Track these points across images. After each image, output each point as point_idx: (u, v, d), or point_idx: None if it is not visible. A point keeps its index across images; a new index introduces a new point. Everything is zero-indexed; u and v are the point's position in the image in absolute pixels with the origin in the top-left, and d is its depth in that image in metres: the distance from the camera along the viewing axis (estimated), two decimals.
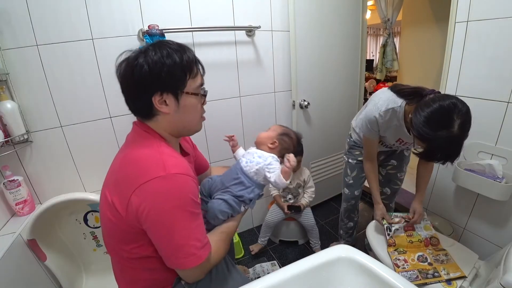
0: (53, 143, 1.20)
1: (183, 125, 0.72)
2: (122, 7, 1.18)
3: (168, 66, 0.62)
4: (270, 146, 0.94)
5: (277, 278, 0.63)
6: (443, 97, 0.85)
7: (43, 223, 1.13)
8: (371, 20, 4.18)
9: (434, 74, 2.15)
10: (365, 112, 1.12)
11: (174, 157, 0.65)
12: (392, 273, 0.62)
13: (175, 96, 0.65)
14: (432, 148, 0.84)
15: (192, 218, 0.62)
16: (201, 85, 0.71)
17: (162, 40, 0.67)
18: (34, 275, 1.06)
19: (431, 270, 1.00)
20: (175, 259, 0.62)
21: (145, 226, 0.61)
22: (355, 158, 1.39)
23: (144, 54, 0.62)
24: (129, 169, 0.63)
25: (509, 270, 0.78)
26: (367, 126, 1.11)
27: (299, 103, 1.71)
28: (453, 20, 1.20)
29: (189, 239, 0.61)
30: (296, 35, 1.55)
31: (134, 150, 0.66)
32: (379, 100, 1.07)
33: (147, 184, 0.58)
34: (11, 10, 1.02)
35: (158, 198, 0.58)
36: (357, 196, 1.47)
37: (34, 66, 1.09)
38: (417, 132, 0.84)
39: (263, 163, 0.87)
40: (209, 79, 1.44)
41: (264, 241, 1.69)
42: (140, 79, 0.62)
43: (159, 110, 0.66)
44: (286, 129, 1.00)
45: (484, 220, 1.28)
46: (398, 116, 1.03)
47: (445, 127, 0.79)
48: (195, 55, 0.69)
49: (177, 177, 0.60)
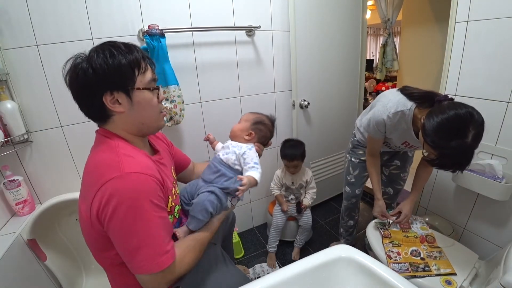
0: (53, 143, 1.20)
1: (141, 121, 0.69)
2: (122, 7, 1.18)
3: (113, 65, 0.61)
4: (246, 138, 0.93)
5: (277, 278, 0.63)
6: (459, 105, 0.81)
7: (43, 223, 1.13)
8: (371, 20, 4.18)
9: (434, 74, 2.15)
10: (373, 112, 1.09)
11: (130, 157, 0.63)
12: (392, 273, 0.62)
13: (127, 93, 0.64)
14: (443, 156, 0.82)
15: (150, 220, 0.59)
16: (153, 80, 0.69)
17: (106, 42, 0.66)
18: (34, 275, 1.06)
19: (422, 265, 1.01)
20: (132, 263, 0.60)
21: (106, 229, 0.59)
22: (358, 157, 1.39)
23: (87, 58, 0.61)
24: (89, 176, 0.62)
25: (509, 270, 0.78)
26: (374, 127, 1.09)
27: (299, 103, 1.71)
28: (453, 20, 1.20)
29: (147, 242, 0.58)
30: (296, 35, 1.55)
31: (93, 157, 0.66)
32: (388, 102, 1.04)
33: (104, 186, 0.57)
34: (11, 10, 1.02)
35: (113, 199, 0.56)
36: (358, 194, 1.47)
37: (34, 66, 1.09)
38: (429, 139, 0.82)
39: (238, 151, 0.87)
40: (209, 79, 1.47)
41: (275, 247, 1.63)
42: (86, 82, 0.61)
43: (113, 110, 0.64)
44: (259, 116, 0.98)
45: (484, 220, 1.27)
46: (406, 119, 1.01)
47: (460, 137, 0.77)
48: (142, 52, 0.68)
49: (132, 176, 0.58)
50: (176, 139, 1.48)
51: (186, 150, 1.51)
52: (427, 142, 0.84)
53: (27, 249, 1.05)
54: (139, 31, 1.24)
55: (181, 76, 1.32)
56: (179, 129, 1.47)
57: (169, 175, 0.79)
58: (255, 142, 0.93)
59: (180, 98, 1.30)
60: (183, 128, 1.47)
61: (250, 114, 0.99)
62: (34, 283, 1.06)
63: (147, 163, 0.65)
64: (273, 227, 1.64)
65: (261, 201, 1.93)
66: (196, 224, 0.77)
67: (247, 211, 1.90)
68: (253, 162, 0.84)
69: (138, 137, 0.72)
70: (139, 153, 0.67)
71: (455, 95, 1.27)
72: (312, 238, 1.82)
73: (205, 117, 1.52)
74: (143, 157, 0.67)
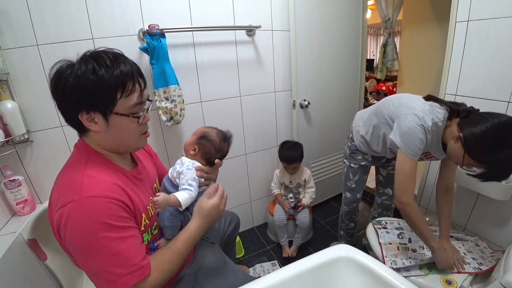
0: (54, 143, 1.20)
1: (117, 143, 0.66)
2: (122, 6, 1.18)
3: (92, 83, 0.56)
4: (192, 153, 0.89)
5: (277, 278, 0.63)
6: (496, 114, 0.79)
7: (44, 222, 1.12)
8: (372, 20, 4.17)
9: (434, 73, 2.15)
10: (408, 126, 0.93)
11: (93, 178, 0.60)
12: (392, 273, 0.62)
13: (104, 115, 0.60)
14: (495, 167, 0.78)
15: (108, 244, 0.56)
16: (137, 104, 0.63)
17: (98, 51, 0.61)
18: (35, 275, 1.06)
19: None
20: (97, 286, 0.60)
21: (69, 250, 0.59)
22: (358, 163, 1.35)
23: (72, 67, 0.58)
24: (54, 190, 0.62)
25: (509, 270, 0.78)
26: (420, 142, 0.91)
27: (299, 103, 1.71)
28: (454, 20, 1.20)
29: (106, 266, 0.56)
30: (296, 35, 1.55)
31: (63, 170, 0.65)
32: (422, 113, 0.92)
33: (63, 208, 0.56)
34: (11, 10, 1.02)
35: (70, 224, 0.55)
36: (359, 198, 1.46)
37: (34, 66, 1.09)
38: (478, 151, 0.78)
39: (178, 169, 0.84)
40: (210, 79, 1.47)
41: (286, 241, 1.68)
42: (64, 94, 0.58)
43: (89, 128, 0.61)
44: (208, 130, 0.93)
45: (484, 220, 1.27)
46: (439, 131, 0.93)
47: (510, 145, 0.74)
48: (135, 69, 0.62)
49: (89, 201, 0.56)
50: (176, 139, 1.49)
51: None
52: (473, 154, 0.80)
53: (27, 249, 1.05)
54: (139, 31, 1.24)
55: (182, 76, 1.32)
56: (179, 128, 1.47)
57: (147, 190, 0.76)
58: (199, 159, 0.89)
59: (181, 97, 1.30)
60: (183, 128, 1.47)
61: (202, 127, 0.95)
62: (35, 283, 1.06)
63: (108, 184, 0.61)
64: (276, 225, 1.65)
65: (261, 201, 1.93)
66: (170, 231, 0.78)
67: (247, 211, 1.91)
68: (188, 183, 0.80)
69: (114, 153, 0.70)
70: (107, 171, 0.64)
71: (455, 95, 1.27)
72: (312, 238, 1.83)
73: (205, 117, 1.52)
74: (110, 176, 0.64)
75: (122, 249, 0.58)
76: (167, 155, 1.48)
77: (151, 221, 0.73)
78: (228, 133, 0.96)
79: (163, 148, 1.46)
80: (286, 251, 1.66)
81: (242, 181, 1.80)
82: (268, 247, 1.77)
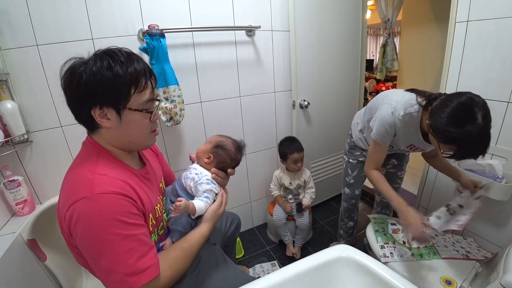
0: (53, 143, 1.20)
1: (128, 140, 0.67)
2: (122, 7, 1.18)
3: (107, 78, 0.58)
4: (206, 161, 0.90)
5: (277, 278, 0.63)
6: (457, 94, 0.82)
7: (43, 223, 1.13)
8: (371, 20, 4.18)
9: (434, 74, 2.15)
10: (381, 115, 1.04)
11: (104, 175, 0.60)
12: (392, 273, 0.62)
13: (117, 110, 0.61)
14: (463, 146, 0.81)
15: (120, 241, 0.57)
16: (150, 100, 0.66)
17: (111, 48, 0.62)
18: (34, 275, 1.06)
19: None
20: (107, 285, 0.60)
21: (79, 247, 0.59)
22: (356, 158, 1.39)
23: (86, 63, 0.59)
24: (64, 188, 0.62)
25: (509, 270, 0.78)
26: (386, 130, 1.03)
27: (299, 103, 1.71)
28: (453, 20, 1.20)
29: (118, 264, 0.56)
30: (296, 35, 1.55)
31: (71, 171, 0.64)
32: (396, 103, 1.01)
33: (74, 205, 0.56)
34: (11, 10, 1.02)
35: (82, 221, 0.55)
36: (358, 195, 1.47)
37: (34, 66, 1.09)
38: (443, 135, 0.81)
39: (196, 179, 0.85)
40: (209, 79, 1.47)
41: (289, 239, 1.67)
42: (78, 90, 0.59)
43: (101, 124, 0.62)
44: (223, 140, 0.94)
45: (484, 220, 1.27)
46: (415, 122, 0.99)
47: (470, 121, 0.77)
48: (147, 67, 0.65)
49: (101, 197, 0.56)
50: (176, 139, 1.49)
51: (185, 150, 1.52)
52: (439, 139, 0.83)
53: (27, 249, 1.05)
54: (139, 31, 1.24)
55: (181, 76, 1.32)
56: (179, 129, 1.47)
57: (154, 190, 0.77)
58: (214, 167, 0.90)
59: (180, 98, 1.30)
60: (183, 128, 1.47)
61: (216, 136, 0.96)
62: (34, 283, 1.06)
63: (119, 182, 0.62)
64: (275, 225, 1.65)
65: (261, 201, 1.93)
66: (178, 236, 0.79)
67: (247, 211, 1.91)
68: (204, 195, 0.82)
69: (124, 151, 0.71)
70: (117, 169, 0.65)
71: None
72: (312, 238, 1.83)
73: (205, 117, 1.52)
74: (120, 174, 0.64)
75: (134, 247, 0.58)
76: (167, 155, 1.48)
77: (157, 221, 0.74)
78: (242, 142, 0.97)
79: (163, 148, 1.46)
80: (290, 249, 1.65)
81: (241, 182, 1.80)
82: (267, 248, 1.77)
